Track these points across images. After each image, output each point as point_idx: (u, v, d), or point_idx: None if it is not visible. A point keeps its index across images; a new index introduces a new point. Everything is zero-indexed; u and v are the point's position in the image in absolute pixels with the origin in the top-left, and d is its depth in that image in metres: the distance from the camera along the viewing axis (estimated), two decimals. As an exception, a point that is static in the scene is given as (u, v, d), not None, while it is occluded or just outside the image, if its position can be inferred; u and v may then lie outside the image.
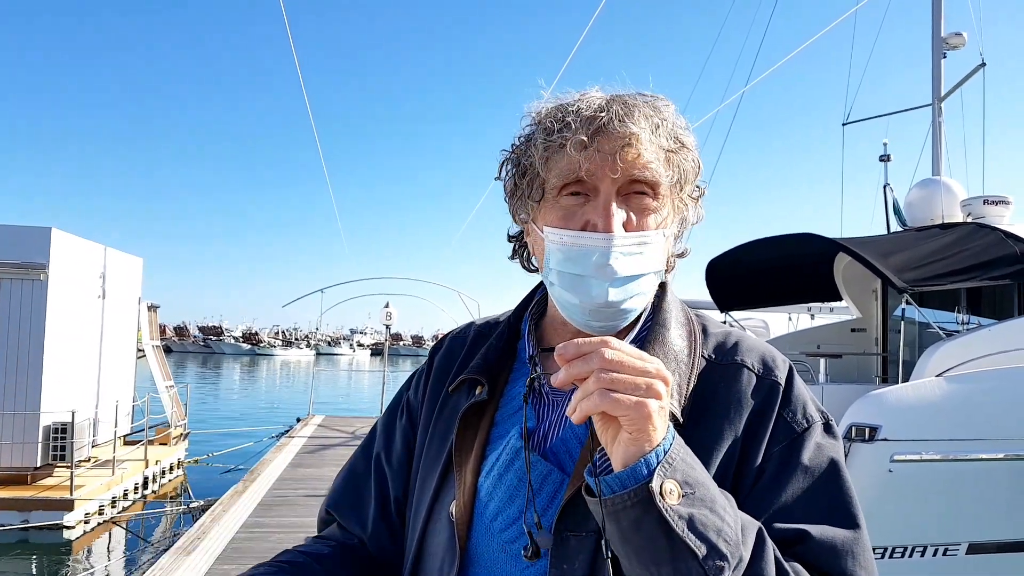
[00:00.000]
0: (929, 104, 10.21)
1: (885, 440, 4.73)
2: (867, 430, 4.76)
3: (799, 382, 1.04)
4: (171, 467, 15.42)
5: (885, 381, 7.87)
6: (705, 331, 1.08)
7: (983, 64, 10.47)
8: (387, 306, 19.43)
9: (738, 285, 8.45)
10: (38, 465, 12.18)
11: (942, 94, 10.11)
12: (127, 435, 15.60)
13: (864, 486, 4.66)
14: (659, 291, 1.10)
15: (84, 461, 13.12)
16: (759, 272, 8.35)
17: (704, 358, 1.04)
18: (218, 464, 16.01)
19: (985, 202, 7.23)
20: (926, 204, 7.67)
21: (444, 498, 1.05)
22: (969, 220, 7.21)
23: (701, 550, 0.78)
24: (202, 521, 8.29)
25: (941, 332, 6.08)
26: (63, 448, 12.28)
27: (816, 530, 0.91)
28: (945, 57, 10.09)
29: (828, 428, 1.01)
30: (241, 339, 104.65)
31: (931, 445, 4.76)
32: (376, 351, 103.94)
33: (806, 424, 1.00)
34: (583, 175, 0.97)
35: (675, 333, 1.05)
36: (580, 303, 0.99)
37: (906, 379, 5.69)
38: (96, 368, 14.59)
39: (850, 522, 0.94)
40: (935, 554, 4.83)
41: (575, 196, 0.99)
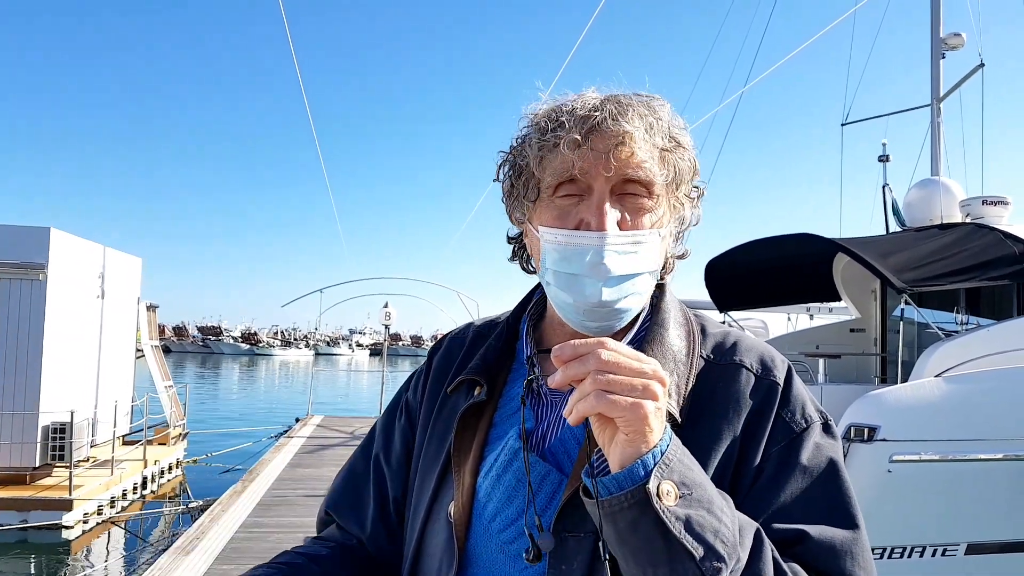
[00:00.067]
0: (928, 104, 10.20)
1: (884, 440, 4.73)
2: (866, 430, 4.77)
3: (798, 382, 1.04)
4: (170, 467, 15.41)
5: (884, 381, 7.88)
6: (704, 331, 1.08)
7: (982, 65, 10.48)
8: (386, 306, 19.42)
9: (737, 285, 8.45)
10: (37, 465, 12.18)
11: (941, 95, 10.10)
12: (126, 435, 15.59)
13: (863, 486, 4.66)
14: (658, 291, 1.10)
15: (83, 461, 13.11)
16: (758, 272, 8.35)
17: (703, 358, 1.04)
18: (217, 464, 15.99)
19: (984, 202, 7.23)
20: (925, 204, 7.67)
21: (443, 498, 1.05)
22: (968, 220, 7.21)
23: (698, 551, 0.78)
24: (201, 521, 8.29)
25: (940, 332, 6.08)
26: (62, 448, 12.28)
27: (815, 530, 0.91)
28: (944, 58, 10.08)
29: (827, 428, 1.01)
30: (240, 339, 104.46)
31: (930, 445, 4.76)
32: (375, 351, 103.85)
33: (805, 424, 0.99)
34: (576, 174, 0.97)
35: (674, 333, 1.04)
36: (575, 302, 0.99)
37: (905, 379, 5.69)
38: (95, 368, 14.57)
39: (849, 522, 0.94)
40: (934, 554, 4.83)
41: (569, 195, 0.99)
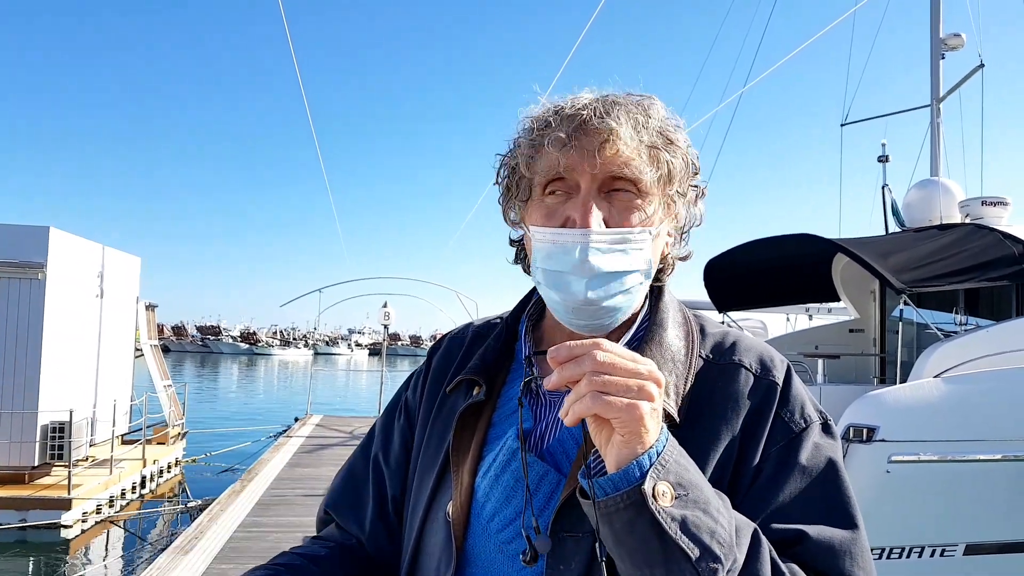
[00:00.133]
0: (928, 105, 10.21)
1: (883, 441, 4.73)
2: (865, 431, 4.77)
3: (797, 382, 1.03)
4: (169, 466, 15.40)
5: (883, 382, 7.88)
6: (703, 331, 1.08)
7: (982, 65, 10.49)
8: (385, 306, 19.42)
9: (736, 285, 8.44)
10: (36, 464, 12.17)
11: (941, 95, 10.11)
12: (125, 434, 15.58)
13: (862, 487, 4.66)
14: (657, 291, 1.10)
15: (82, 460, 13.10)
16: (757, 272, 8.35)
17: (701, 358, 1.04)
18: (216, 464, 16.01)
19: (983, 203, 7.24)
20: (924, 205, 7.67)
21: (441, 498, 1.05)
22: (967, 221, 7.22)
23: (694, 552, 0.78)
24: (200, 520, 8.29)
25: (939, 333, 6.08)
26: (61, 447, 12.27)
27: (814, 530, 0.91)
28: (944, 58, 10.08)
29: (826, 428, 1.01)
30: (239, 339, 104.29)
31: (929, 446, 4.76)
32: (374, 351, 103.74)
33: (804, 424, 0.99)
34: (563, 172, 0.98)
35: (672, 333, 1.04)
36: (563, 300, 0.99)
37: (904, 380, 5.70)
38: (94, 367, 14.57)
39: (848, 522, 0.93)
40: (933, 555, 4.83)
41: (558, 194, 1.00)
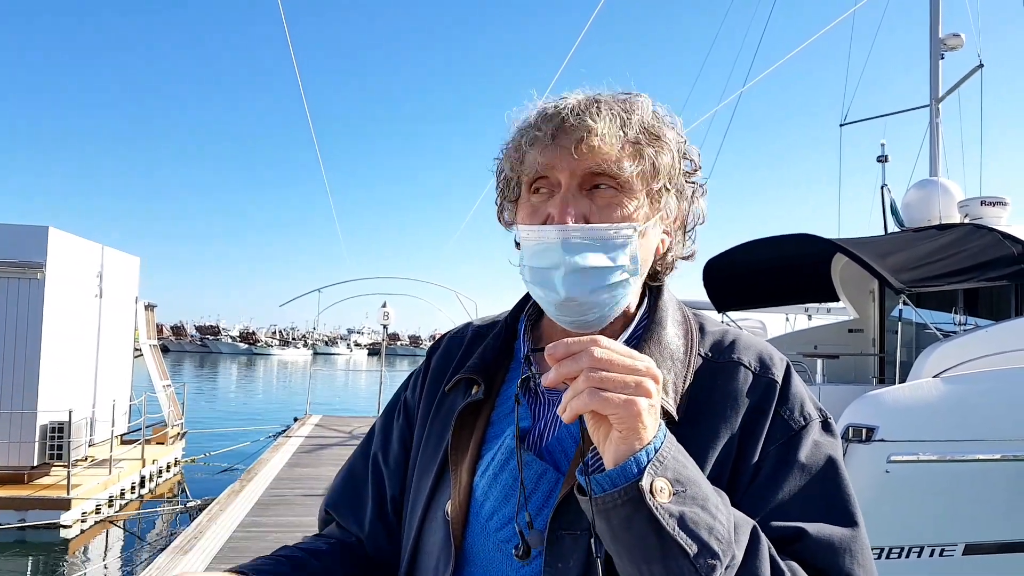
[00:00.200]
0: (927, 105, 10.21)
1: (882, 441, 4.73)
2: (864, 431, 4.77)
3: (797, 380, 1.03)
4: (168, 466, 15.40)
5: (882, 382, 7.88)
6: (702, 330, 1.08)
7: (981, 65, 10.49)
8: (384, 306, 19.43)
9: (735, 285, 8.44)
10: (35, 464, 12.17)
11: (940, 95, 10.11)
12: (124, 434, 15.57)
13: (861, 487, 4.66)
14: (656, 290, 1.10)
15: (81, 460, 13.10)
16: (756, 272, 8.35)
17: (701, 356, 1.03)
18: (215, 463, 16.01)
19: (982, 203, 7.24)
20: (924, 205, 7.67)
21: (440, 497, 1.05)
22: (966, 221, 7.22)
23: (692, 548, 0.78)
24: (199, 520, 8.29)
25: (938, 333, 6.08)
26: (60, 447, 12.27)
27: (813, 528, 0.91)
28: (943, 58, 10.08)
29: (826, 426, 1.01)
30: (238, 339, 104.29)
31: (928, 446, 4.76)
32: (373, 351, 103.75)
33: (803, 422, 0.99)
34: (544, 170, 0.99)
35: (671, 331, 1.04)
36: (546, 297, 0.99)
37: (903, 380, 5.69)
38: (93, 367, 14.56)
39: (848, 520, 0.93)
40: (932, 555, 4.83)
41: (542, 192, 1.01)
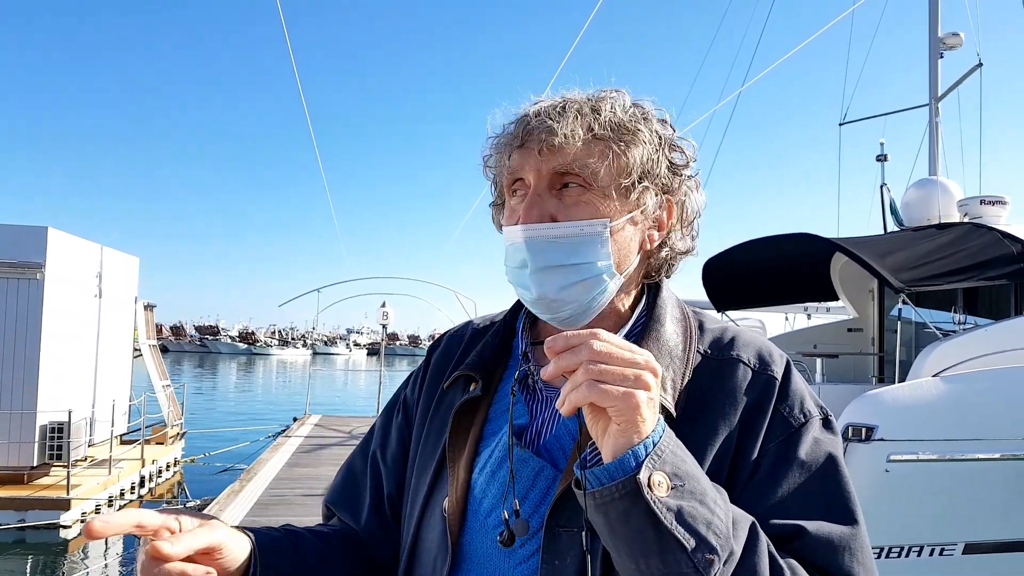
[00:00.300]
0: (926, 104, 10.20)
1: (882, 440, 4.73)
2: (864, 430, 4.76)
3: (797, 377, 1.03)
4: (167, 466, 15.40)
5: (882, 381, 7.88)
6: (702, 327, 1.08)
7: (980, 64, 10.50)
8: (383, 306, 19.43)
9: (735, 285, 8.44)
10: (35, 464, 12.17)
11: (939, 94, 10.10)
12: (123, 434, 15.56)
13: (860, 486, 4.62)
14: (655, 288, 1.10)
15: (80, 460, 13.09)
16: (756, 272, 8.35)
17: (700, 353, 1.03)
18: (215, 463, 16.01)
19: (982, 202, 7.24)
20: (923, 204, 7.67)
21: (438, 494, 1.05)
22: (966, 220, 7.22)
23: (690, 543, 0.78)
24: (198, 520, 8.27)
25: (938, 332, 6.08)
26: (59, 447, 12.26)
27: (813, 526, 0.91)
28: (942, 57, 10.07)
29: (827, 423, 1.00)
30: (238, 339, 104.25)
31: (927, 445, 4.75)
32: (372, 351, 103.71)
33: (803, 419, 0.99)
34: (515, 172, 1.02)
35: (670, 329, 1.04)
36: (523, 295, 1.02)
37: (903, 379, 5.69)
38: (92, 367, 14.55)
39: (848, 518, 0.93)
40: (931, 554, 4.83)
41: (519, 194, 1.03)
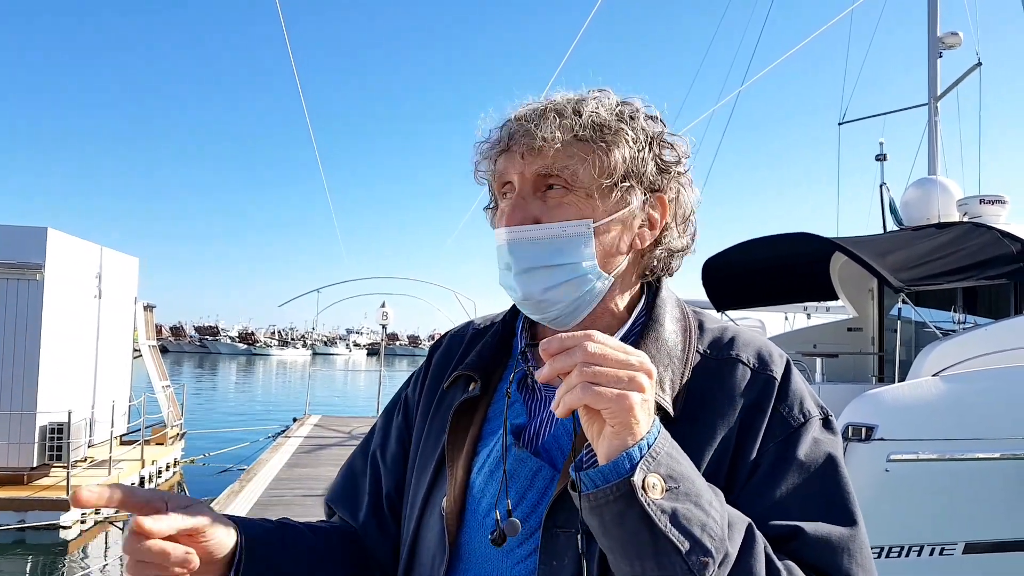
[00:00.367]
0: (925, 104, 10.20)
1: (881, 440, 4.72)
2: (863, 430, 4.76)
3: (797, 377, 1.02)
4: (167, 467, 15.39)
5: (881, 381, 7.88)
6: (701, 327, 1.08)
7: (979, 64, 10.50)
8: (383, 306, 19.43)
9: (734, 285, 8.44)
10: (34, 465, 12.16)
11: (938, 94, 10.10)
12: (123, 435, 15.56)
13: (860, 486, 4.64)
14: (654, 287, 1.10)
15: (80, 461, 13.09)
16: (755, 272, 8.35)
17: (699, 353, 1.03)
18: (214, 464, 16.01)
19: (981, 201, 7.25)
20: (922, 203, 7.67)
21: (437, 493, 1.05)
22: (965, 219, 7.22)
23: (684, 545, 0.77)
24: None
25: (937, 332, 6.08)
26: (59, 448, 12.25)
27: (811, 527, 0.90)
28: (941, 57, 10.07)
29: (827, 423, 1.00)
30: (237, 339, 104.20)
31: (927, 445, 4.75)
32: (372, 351, 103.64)
33: (803, 419, 0.98)
34: (501, 175, 1.03)
35: (669, 328, 1.04)
36: (511, 295, 1.04)
37: (902, 379, 5.69)
38: (92, 368, 14.54)
39: (847, 519, 0.92)
40: (931, 554, 4.82)
41: (508, 196, 1.04)
